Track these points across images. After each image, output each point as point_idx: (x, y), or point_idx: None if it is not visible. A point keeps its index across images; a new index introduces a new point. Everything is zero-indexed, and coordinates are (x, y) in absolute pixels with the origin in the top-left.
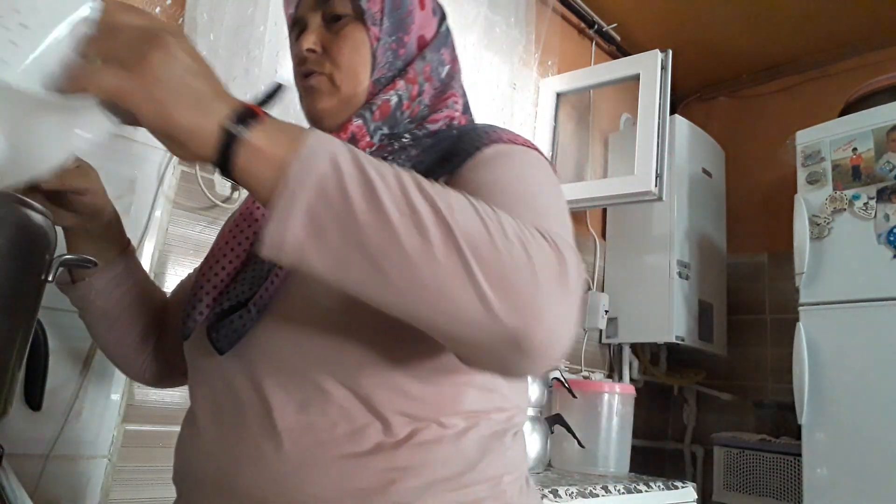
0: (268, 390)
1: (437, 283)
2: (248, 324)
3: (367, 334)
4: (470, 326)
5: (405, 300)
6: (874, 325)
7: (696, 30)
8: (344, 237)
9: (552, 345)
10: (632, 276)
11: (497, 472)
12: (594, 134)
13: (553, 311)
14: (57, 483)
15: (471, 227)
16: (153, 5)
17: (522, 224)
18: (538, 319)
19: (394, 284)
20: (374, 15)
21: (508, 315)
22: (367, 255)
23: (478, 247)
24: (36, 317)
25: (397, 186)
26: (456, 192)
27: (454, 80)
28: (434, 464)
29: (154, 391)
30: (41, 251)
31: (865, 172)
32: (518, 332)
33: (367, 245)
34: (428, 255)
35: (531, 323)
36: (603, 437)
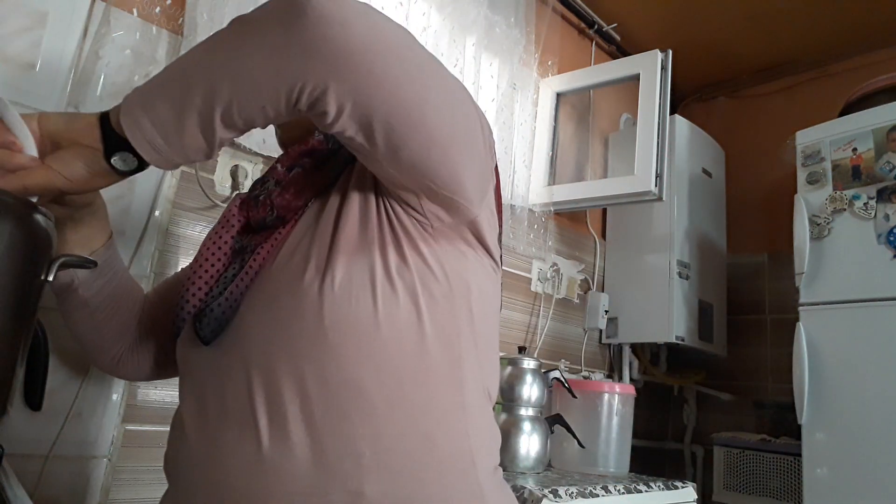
0: (247, 379)
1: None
2: (226, 311)
3: (330, 325)
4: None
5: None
6: (874, 325)
7: (696, 30)
8: (162, 91)
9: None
10: (632, 276)
11: (469, 457)
12: (594, 134)
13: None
14: (57, 483)
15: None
16: (153, 5)
17: None
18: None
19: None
20: None
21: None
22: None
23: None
24: (36, 317)
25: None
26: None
27: None
28: (402, 444)
29: (154, 391)
30: (42, 251)
31: (865, 172)
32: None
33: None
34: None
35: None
36: (603, 437)
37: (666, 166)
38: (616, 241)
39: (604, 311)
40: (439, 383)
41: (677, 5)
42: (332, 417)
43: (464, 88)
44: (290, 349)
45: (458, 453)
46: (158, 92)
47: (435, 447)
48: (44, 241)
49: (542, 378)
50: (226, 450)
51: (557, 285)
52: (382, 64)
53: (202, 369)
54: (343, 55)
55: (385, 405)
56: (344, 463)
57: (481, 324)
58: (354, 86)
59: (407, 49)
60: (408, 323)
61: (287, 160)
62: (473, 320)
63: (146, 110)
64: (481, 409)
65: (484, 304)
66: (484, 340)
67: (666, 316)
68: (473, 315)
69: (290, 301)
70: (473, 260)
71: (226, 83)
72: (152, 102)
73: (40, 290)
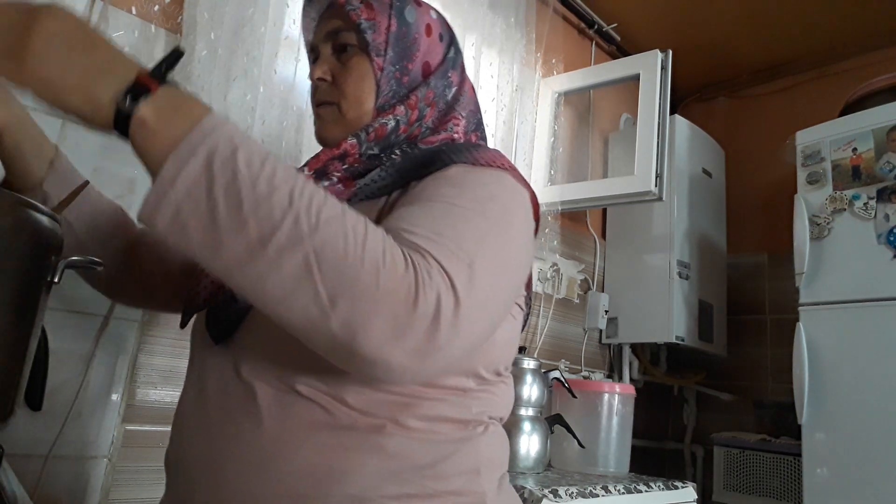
0: (251, 378)
1: (282, 282)
2: (237, 314)
3: None
4: (307, 327)
5: (255, 296)
6: (874, 325)
7: (696, 30)
8: (204, 237)
9: (382, 364)
10: (632, 276)
11: (472, 466)
12: (594, 134)
13: (382, 331)
14: (57, 483)
15: (326, 245)
16: (151, 4)
17: (394, 245)
18: (367, 339)
19: (243, 281)
20: (378, 46)
21: (340, 327)
22: (223, 257)
23: (326, 261)
24: (42, 319)
25: (266, 191)
26: (336, 203)
27: (458, 102)
28: (408, 452)
29: (154, 391)
30: (47, 253)
31: (865, 172)
32: (347, 344)
33: (222, 246)
34: (274, 264)
35: (359, 340)
36: (603, 437)
37: (666, 166)
38: (616, 241)
39: (604, 311)
40: (449, 410)
41: (677, 5)
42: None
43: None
44: (298, 355)
45: (464, 472)
46: (199, 221)
47: (443, 463)
48: (49, 242)
49: (542, 378)
50: (226, 448)
51: (557, 285)
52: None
53: (209, 366)
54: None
55: (392, 421)
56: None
57: (499, 359)
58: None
59: None
60: None
61: (316, 163)
62: (489, 368)
63: (177, 223)
64: (493, 432)
65: (505, 346)
66: (503, 370)
67: (666, 316)
68: (490, 363)
69: None
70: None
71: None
72: (185, 223)
73: (47, 293)
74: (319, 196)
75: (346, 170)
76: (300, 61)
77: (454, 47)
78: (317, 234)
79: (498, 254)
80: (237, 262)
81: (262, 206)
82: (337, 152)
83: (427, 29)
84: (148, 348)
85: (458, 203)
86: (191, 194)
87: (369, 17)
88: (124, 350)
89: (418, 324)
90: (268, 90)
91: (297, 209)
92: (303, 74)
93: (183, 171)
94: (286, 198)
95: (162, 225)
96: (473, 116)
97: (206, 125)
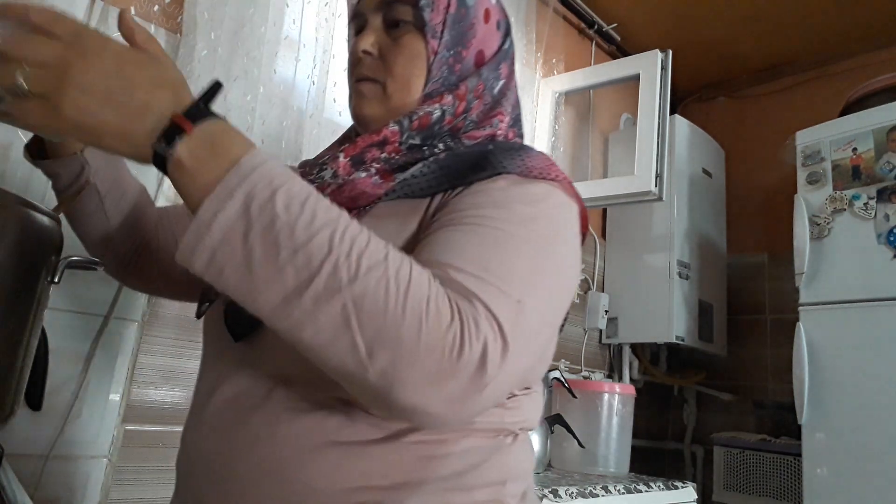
0: (273, 381)
1: (318, 332)
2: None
3: None
4: (344, 376)
5: (293, 342)
6: (874, 325)
7: (696, 30)
8: (241, 283)
9: (422, 413)
10: (632, 276)
11: (499, 478)
12: (594, 134)
13: (423, 385)
14: (57, 483)
15: (367, 295)
16: (151, 4)
17: (439, 292)
18: (404, 391)
19: (279, 329)
20: (435, 27)
21: (378, 378)
22: (260, 304)
23: (365, 312)
24: (42, 319)
25: (304, 238)
26: (380, 246)
27: (505, 97)
28: (431, 462)
29: (154, 391)
30: (47, 253)
31: (865, 172)
32: (384, 395)
33: (259, 293)
34: (311, 314)
35: (397, 392)
36: (603, 437)
37: (666, 166)
38: (616, 241)
39: (604, 311)
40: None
41: (677, 5)
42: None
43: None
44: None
45: (490, 483)
46: (235, 266)
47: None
48: (48, 242)
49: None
50: (239, 453)
51: None
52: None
53: (227, 364)
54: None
55: (415, 430)
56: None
57: (535, 377)
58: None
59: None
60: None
61: (353, 149)
62: (527, 380)
63: (213, 266)
64: (522, 440)
65: (541, 363)
66: (529, 389)
67: (666, 316)
68: (528, 379)
69: None
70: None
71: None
72: (221, 268)
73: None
74: (362, 240)
75: (385, 160)
76: (300, 61)
77: (510, 38)
78: (356, 284)
79: (546, 282)
80: (273, 310)
81: (300, 253)
82: (377, 139)
83: (486, 14)
84: (148, 348)
85: (506, 229)
86: (227, 240)
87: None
88: (124, 350)
89: (461, 374)
90: (268, 90)
91: (336, 256)
92: (303, 74)
93: (219, 216)
94: (326, 244)
95: (199, 267)
96: (515, 112)
97: (245, 166)
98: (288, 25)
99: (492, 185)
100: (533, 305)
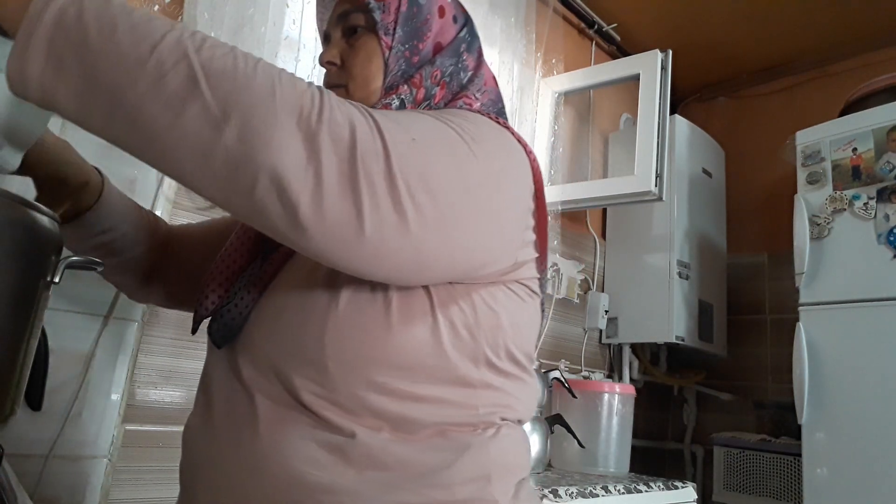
0: (250, 382)
1: (167, 103)
2: (235, 318)
3: (341, 335)
4: (203, 150)
5: (145, 134)
6: (874, 325)
7: (696, 30)
8: (82, 68)
9: (285, 175)
10: (632, 276)
11: (480, 473)
12: (594, 134)
13: (284, 141)
14: (57, 483)
15: (214, 59)
16: (151, 3)
17: (293, 76)
18: (266, 146)
19: (129, 115)
20: (388, 25)
21: (235, 141)
22: (102, 86)
23: (214, 72)
24: (42, 319)
25: (142, 18)
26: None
27: (473, 83)
28: (404, 458)
29: (154, 391)
30: (47, 253)
31: (865, 172)
32: (245, 160)
33: (99, 73)
34: (157, 79)
35: (260, 154)
36: (603, 437)
37: (666, 166)
38: (616, 241)
39: (604, 311)
40: (453, 413)
41: (677, 5)
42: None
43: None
44: (296, 360)
45: (471, 479)
46: (74, 48)
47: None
48: (48, 242)
49: (542, 378)
50: (227, 453)
51: (557, 285)
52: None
53: (214, 370)
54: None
55: (390, 427)
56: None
57: (511, 343)
58: None
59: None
60: (421, 343)
61: None
62: (500, 352)
63: (52, 58)
64: (506, 434)
65: (516, 330)
66: (515, 368)
67: (666, 316)
68: (499, 346)
69: (294, 310)
70: (503, 292)
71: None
72: (61, 56)
73: (47, 293)
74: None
75: None
76: (300, 61)
77: (468, 29)
78: (202, 52)
79: (450, 157)
80: (117, 90)
81: (140, 27)
82: None
83: (440, 10)
84: (148, 348)
85: (420, 113)
86: (61, 21)
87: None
88: (124, 350)
89: (331, 136)
90: None
91: (179, 33)
92: (303, 75)
93: (50, 5)
94: (167, 23)
95: (34, 63)
96: (493, 105)
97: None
98: (288, 25)
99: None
100: (435, 154)
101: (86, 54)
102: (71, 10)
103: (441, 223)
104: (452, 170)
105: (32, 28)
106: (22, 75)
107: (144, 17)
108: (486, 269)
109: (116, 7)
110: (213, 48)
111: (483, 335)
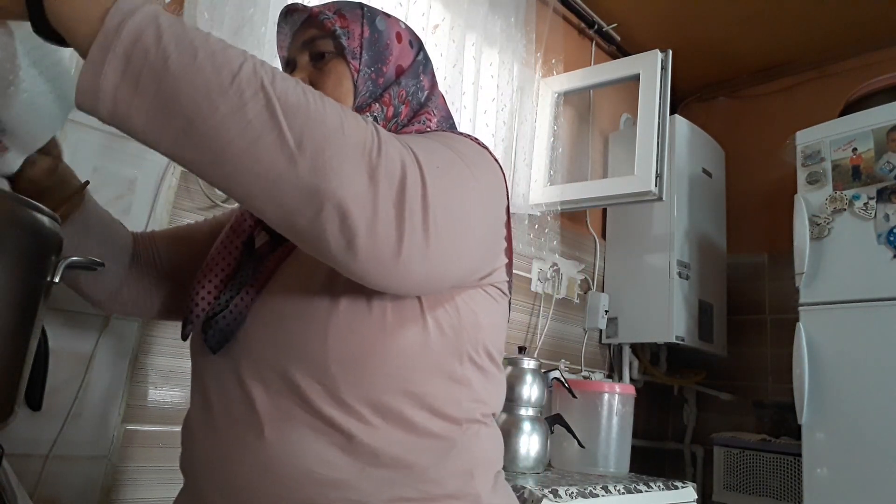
0: (251, 385)
1: (246, 128)
2: (231, 324)
3: (342, 339)
4: (275, 178)
5: (216, 156)
6: (874, 325)
7: (696, 30)
8: (159, 88)
9: (349, 205)
10: (632, 276)
11: (467, 468)
12: (594, 134)
13: (352, 174)
14: (57, 483)
15: (289, 92)
16: None
17: (353, 112)
18: (337, 178)
19: (204, 138)
20: (354, 50)
21: (308, 171)
22: (179, 108)
23: (289, 106)
24: (41, 319)
25: (219, 45)
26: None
27: (431, 101)
28: (402, 455)
29: (154, 391)
30: (47, 253)
31: (865, 172)
32: (315, 188)
33: (179, 96)
34: (237, 108)
35: (330, 182)
36: (603, 437)
37: (666, 166)
38: (616, 241)
39: (604, 311)
40: (442, 403)
41: (677, 5)
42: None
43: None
44: (294, 362)
45: (457, 474)
46: (151, 68)
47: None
48: (49, 242)
49: (542, 378)
50: (233, 453)
51: (557, 285)
52: None
53: (209, 375)
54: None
55: (385, 421)
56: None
57: (487, 341)
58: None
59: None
60: (413, 343)
61: None
62: (479, 349)
63: (127, 75)
64: (486, 434)
65: (491, 329)
66: (491, 365)
67: (666, 316)
68: (479, 343)
69: (295, 315)
70: (480, 295)
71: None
72: (137, 73)
73: (47, 293)
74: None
75: None
76: None
77: (423, 53)
78: (276, 84)
79: (460, 181)
80: (196, 114)
81: (218, 55)
82: None
83: (398, 36)
84: (148, 348)
85: (428, 138)
86: (139, 39)
87: (343, 25)
88: (124, 350)
89: (387, 171)
90: None
91: (253, 63)
92: None
93: (128, 21)
94: (240, 53)
95: (109, 78)
96: (446, 120)
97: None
98: None
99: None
100: (449, 180)
101: (165, 75)
102: (150, 30)
103: (453, 241)
104: (461, 191)
105: (109, 43)
106: (95, 88)
107: (219, 43)
108: (474, 277)
109: (192, 32)
110: (285, 80)
111: (466, 334)
